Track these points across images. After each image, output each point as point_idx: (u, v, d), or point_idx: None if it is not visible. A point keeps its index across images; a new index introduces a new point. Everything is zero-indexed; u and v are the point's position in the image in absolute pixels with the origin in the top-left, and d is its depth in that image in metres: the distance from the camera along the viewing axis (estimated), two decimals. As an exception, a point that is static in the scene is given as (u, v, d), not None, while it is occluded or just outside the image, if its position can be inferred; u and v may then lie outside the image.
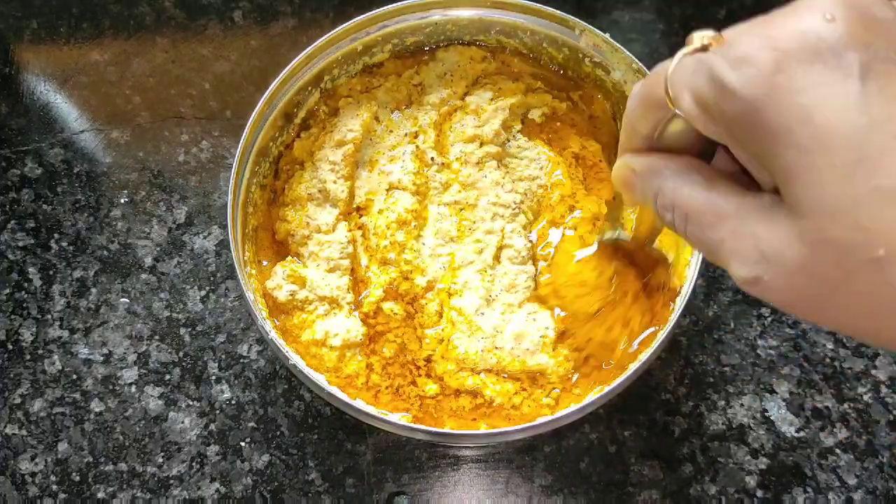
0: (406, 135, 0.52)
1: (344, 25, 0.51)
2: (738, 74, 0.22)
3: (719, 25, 0.26)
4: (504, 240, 0.50)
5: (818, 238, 0.22)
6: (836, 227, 0.21)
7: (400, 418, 0.46)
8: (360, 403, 0.45)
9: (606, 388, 0.42)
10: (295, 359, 0.45)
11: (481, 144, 0.51)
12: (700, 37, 0.25)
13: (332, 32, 0.50)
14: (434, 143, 0.52)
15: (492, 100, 0.53)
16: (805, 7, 0.23)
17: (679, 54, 0.26)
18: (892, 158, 0.20)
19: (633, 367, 0.43)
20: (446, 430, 0.46)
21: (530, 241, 0.50)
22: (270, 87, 0.49)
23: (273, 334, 0.45)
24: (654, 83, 0.27)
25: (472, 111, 0.52)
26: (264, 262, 0.50)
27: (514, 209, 0.50)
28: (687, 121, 0.26)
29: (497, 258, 0.49)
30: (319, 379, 0.45)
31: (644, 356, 0.43)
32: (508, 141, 0.53)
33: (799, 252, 0.23)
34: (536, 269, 0.50)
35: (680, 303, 0.45)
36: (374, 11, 0.51)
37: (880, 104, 0.21)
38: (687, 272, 0.47)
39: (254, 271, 0.49)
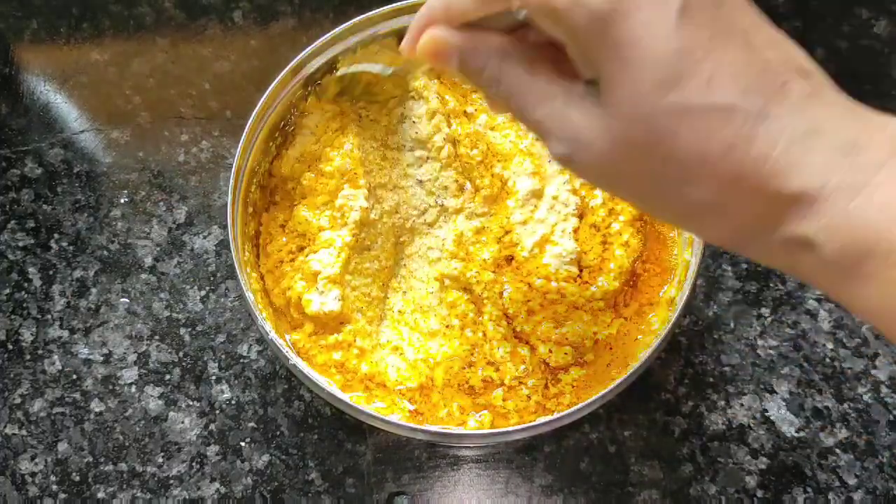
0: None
1: (344, 25, 0.51)
2: None
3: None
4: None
5: (621, 135, 0.28)
6: (636, 129, 0.27)
7: (400, 418, 0.46)
8: (360, 404, 0.45)
9: (606, 389, 0.42)
10: (295, 359, 0.45)
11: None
12: None
13: (332, 32, 0.50)
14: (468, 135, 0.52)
15: None
16: None
17: None
18: (688, 79, 0.26)
19: (633, 367, 0.43)
20: (446, 430, 0.46)
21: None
22: (271, 87, 0.49)
23: (273, 335, 0.45)
24: None
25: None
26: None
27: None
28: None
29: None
30: (319, 379, 0.45)
31: (644, 356, 0.43)
32: None
33: (605, 141, 0.28)
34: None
35: (679, 303, 0.45)
36: (374, 11, 0.51)
37: (687, 35, 0.26)
38: (687, 273, 0.47)
39: (254, 273, 0.49)
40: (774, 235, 0.27)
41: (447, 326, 0.49)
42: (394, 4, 0.51)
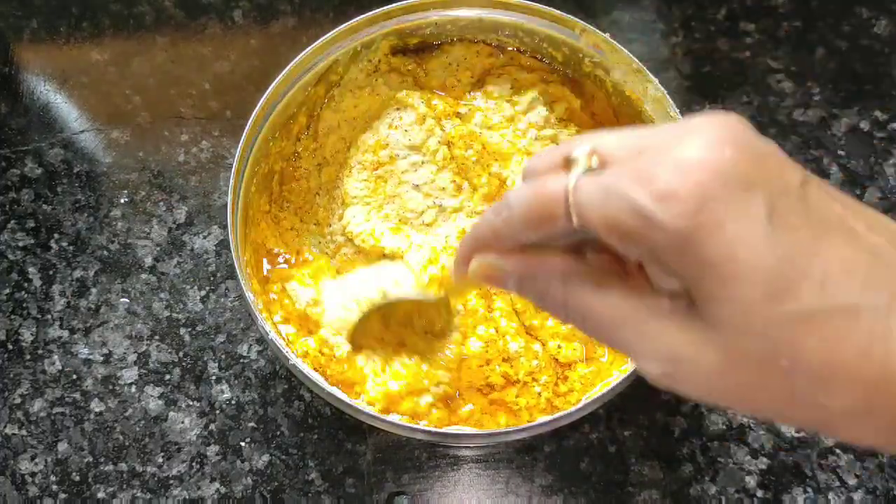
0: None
1: (344, 25, 0.51)
2: (665, 210, 0.24)
3: (719, 26, 0.26)
4: None
5: (733, 349, 0.25)
6: (752, 343, 0.25)
7: (400, 419, 0.46)
8: (360, 404, 0.45)
9: (606, 389, 0.42)
10: (295, 360, 0.45)
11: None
12: (585, 155, 0.27)
13: (332, 32, 0.50)
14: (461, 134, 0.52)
15: (511, 88, 0.53)
16: (696, 135, 0.25)
17: (574, 175, 0.27)
18: (800, 286, 0.24)
19: (633, 367, 0.43)
20: (446, 430, 0.46)
21: None
22: (270, 87, 0.49)
23: (273, 334, 0.45)
24: (547, 200, 0.28)
25: (496, 98, 0.53)
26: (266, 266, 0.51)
27: None
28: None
29: None
30: (319, 379, 0.45)
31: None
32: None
33: (714, 358, 0.26)
34: None
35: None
36: (374, 11, 0.51)
37: (785, 240, 0.24)
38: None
39: (253, 272, 0.49)
40: None
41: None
42: (393, 5, 0.51)
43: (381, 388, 0.47)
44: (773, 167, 0.25)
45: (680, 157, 0.25)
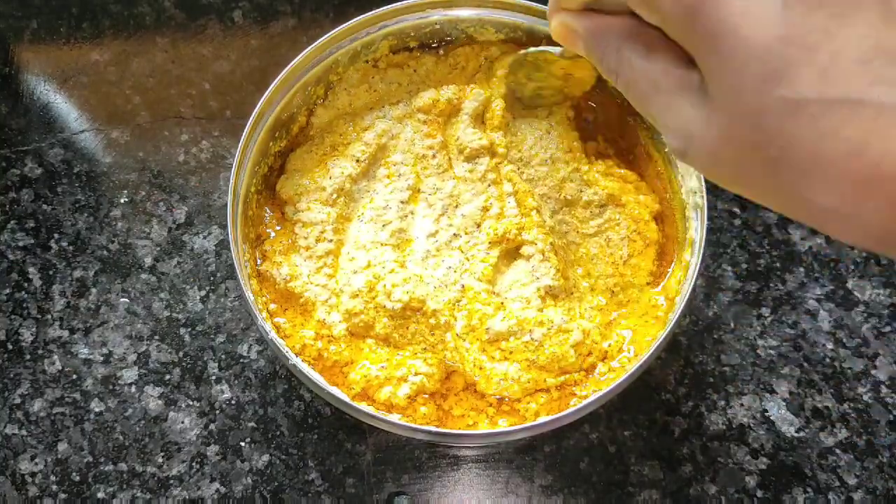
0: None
1: (344, 25, 0.51)
2: None
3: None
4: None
5: (726, 132, 0.25)
6: (742, 127, 0.24)
7: (399, 419, 0.46)
8: (360, 404, 0.45)
9: (606, 388, 0.42)
10: (294, 359, 0.45)
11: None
12: None
13: (332, 32, 0.50)
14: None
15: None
16: None
17: None
18: (799, 71, 0.23)
19: (632, 367, 0.43)
20: (446, 430, 0.46)
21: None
22: (270, 87, 0.49)
23: (273, 334, 0.45)
24: None
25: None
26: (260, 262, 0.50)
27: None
28: None
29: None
30: (319, 379, 0.45)
31: (644, 356, 0.43)
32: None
33: (711, 137, 0.26)
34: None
35: (680, 303, 0.45)
36: (374, 11, 0.51)
37: (798, 19, 0.22)
38: (687, 273, 0.47)
39: (253, 271, 0.49)
40: None
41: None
42: (393, 5, 0.51)
43: (370, 371, 0.47)
44: None
45: None
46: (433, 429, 0.45)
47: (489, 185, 0.50)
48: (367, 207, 0.50)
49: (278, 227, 0.51)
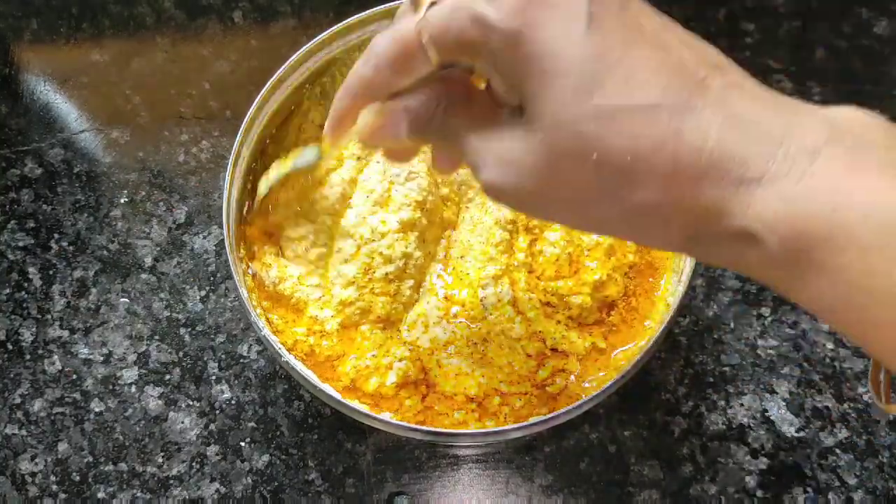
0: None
1: (341, 23, 0.51)
2: (496, 9, 0.27)
3: (719, 26, 0.26)
4: None
5: (549, 146, 0.28)
6: (563, 138, 0.27)
7: (391, 417, 0.46)
8: (357, 405, 0.45)
9: (605, 387, 0.42)
10: (290, 358, 0.45)
11: None
12: None
13: (329, 30, 0.50)
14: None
15: None
16: None
17: (423, 9, 0.29)
18: (607, 83, 0.26)
19: (631, 366, 0.43)
20: (446, 429, 0.46)
21: None
22: (266, 86, 0.49)
23: (266, 331, 0.45)
24: (403, 38, 0.30)
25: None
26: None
27: None
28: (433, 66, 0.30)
29: None
30: (316, 379, 0.45)
31: (638, 358, 0.43)
32: None
33: (533, 156, 0.28)
34: None
35: (674, 302, 0.45)
36: (371, 10, 0.51)
37: (599, 41, 0.26)
38: (683, 274, 0.47)
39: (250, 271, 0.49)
40: (719, 231, 0.27)
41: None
42: (390, 4, 0.51)
43: (362, 363, 0.47)
44: None
45: None
46: (433, 429, 0.45)
47: None
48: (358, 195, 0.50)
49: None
